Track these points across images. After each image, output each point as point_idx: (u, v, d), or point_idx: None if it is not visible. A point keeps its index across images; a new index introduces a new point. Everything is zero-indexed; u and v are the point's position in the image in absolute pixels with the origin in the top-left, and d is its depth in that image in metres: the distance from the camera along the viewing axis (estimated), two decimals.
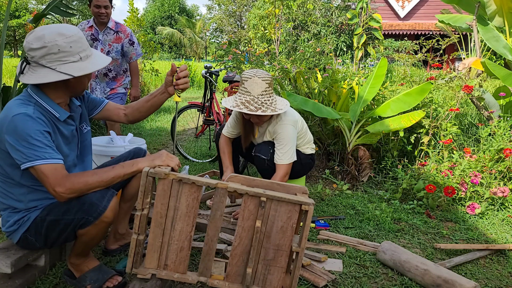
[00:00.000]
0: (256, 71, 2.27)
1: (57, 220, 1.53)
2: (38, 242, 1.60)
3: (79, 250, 1.65)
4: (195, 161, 4.09)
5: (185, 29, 34.68)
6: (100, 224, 1.52)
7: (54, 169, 1.44)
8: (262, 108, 2.22)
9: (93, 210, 1.49)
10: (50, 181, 1.43)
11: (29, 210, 1.58)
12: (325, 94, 3.81)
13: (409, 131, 3.54)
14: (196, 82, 13.42)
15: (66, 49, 1.50)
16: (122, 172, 1.56)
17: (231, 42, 5.81)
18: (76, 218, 1.50)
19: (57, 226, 1.54)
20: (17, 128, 1.43)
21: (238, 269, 1.57)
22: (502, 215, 2.71)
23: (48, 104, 1.55)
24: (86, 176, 1.51)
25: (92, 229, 1.53)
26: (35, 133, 1.44)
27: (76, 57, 1.53)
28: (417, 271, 1.84)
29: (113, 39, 3.33)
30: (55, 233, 1.56)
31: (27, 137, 1.42)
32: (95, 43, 3.26)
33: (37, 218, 1.56)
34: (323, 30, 12.34)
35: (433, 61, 7.49)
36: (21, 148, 1.42)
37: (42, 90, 1.56)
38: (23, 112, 1.45)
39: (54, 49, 1.48)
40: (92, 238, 1.58)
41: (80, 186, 1.48)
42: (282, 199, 1.51)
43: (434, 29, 14.41)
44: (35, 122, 1.46)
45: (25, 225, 1.57)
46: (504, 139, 2.98)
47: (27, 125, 1.44)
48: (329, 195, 3.08)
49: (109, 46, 3.32)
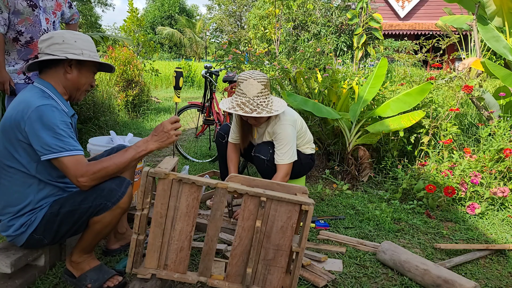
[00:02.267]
0: (252, 73, 2.27)
1: (73, 211, 1.55)
2: (46, 239, 1.60)
3: (86, 244, 1.64)
4: (195, 161, 4.09)
5: (185, 29, 34.67)
6: (116, 210, 1.57)
7: (77, 160, 1.50)
8: (257, 109, 2.22)
9: (113, 195, 1.55)
10: (73, 172, 1.49)
11: (35, 211, 1.58)
12: (325, 94, 3.81)
13: (409, 131, 3.54)
14: (196, 82, 13.42)
15: (70, 42, 1.59)
16: (136, 154, 1.60)
17: (231, 42, 5.81)
18: (94, 204, 1.54)
19: (72, 217, 1.55)
20: (43, 118, 1.47)
21: (238, 269, 1.57)
22: (502, 215, 2.71)
23: (60, 99, 1.62)
24: (104, 162, 1.55)
25: (107, 215, 1.56)
26: (61, 124, 1.50)
27: (78, 51, 1.60)
28: (417, 271, 1.84)
29: (55, 6, 2.83)
30: (68, 226, 1.57)
31: (53, 127, 1.47)
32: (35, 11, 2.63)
33: (46, 215, 1.57)
34: (323, 30, 12.34)
35: (433, 61, 7.49)
36: (46, 138, 1.46)
37: (53, 86, 1.62)
38: (49, 104, 1.51)
39: (59, 40, 1.58)
40: (105, 226, 1.59)
41: (101, 173, 1.53)
42: (282, 199, 1.51)
43: (434, 29, 14.42)
44: (61, 113, 1.53)
45: (32, 225, 1.57)
46: (504, 139, 2.98)
47: (54, 115, 1.49)
48: (329, 195, 3.08)
49: (54, 15, 2.81)
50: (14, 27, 2.53)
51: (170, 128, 1.64)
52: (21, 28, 2.54)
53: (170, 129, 1.64)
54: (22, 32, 2.55)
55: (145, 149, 1.61)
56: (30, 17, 2.56)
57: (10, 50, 2.59)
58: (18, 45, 2.58)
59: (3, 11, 2.47)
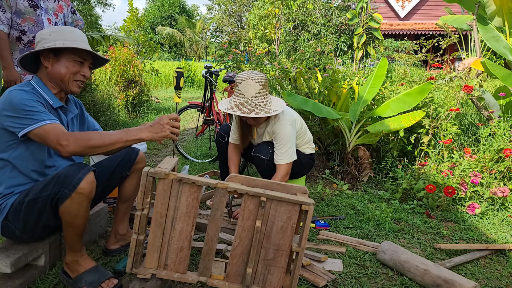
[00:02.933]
0: (250, 73, 2.27)
1: (35, 199, 1.53)
2: (17, 229, 1.59)
3: (69, 240, 1.61)
4: (195, 161, 4.09)
5: (185, 29, 34.69)
6: (77, 198, 1.49)
7: (54, 127, 1.50)
8: (255, 110, 2.22)
9: (68, 182, 1.48)
10: (52, 137, 1.48)
11: (6, 197, 1.59)
12: (325, 94, 3.81)
13: (409, 131, 3.54)
14: (196, 82, 13.42)
15: (45, 36, 1.65)
16: (125, 137, 1.57)
17: (231, 42, 5.81)
18: (53, 192, 1.50)
19: (35, 205, 1.53)
20: (13, 100, 1.51)
21: (238, 269, 1.57)
22: (502, 215, 2.71)
23: (44, 91, 1.66)
24: (89, 133, 1.55)
25: (70, 204, 1.50)
26: (30, 102, 1.53)
27: (51, 43, 1.63)
28: (417, 271, 1.84)
29: (57, 8, 2.87)
30: (34, 215, 1.55)
31: (22, 106, 1.50)
32: (37, 11, 2.70)
33: (14, 203, 1.56)
34: (323, 30, 12.34)
35: (433, 61, 7.49)
36: (18, 116, 1.50)
37: (41, 80, 1.68)
38: (18, 89, 1.57)
39: (38, 38, 1.66)
40: (74, 217, 1.53)
41: (83, 142, 1.50)
42: (282, 199, 1.51)
43: (434, 29, 14.42)
44: (30, 94, 1.57)
45: (3, 212, 1.58)
46: (504, 139, 2.98)
47: (22, 96, 1.53)
48: (329, 195, 3.08)
49: (56, 16, 2.85)
50: (17, 26, 2.55)
51: (167, 122, 1.63)
52: (24, 27, 2.56)
53: (167, 123, 1.63)
54: (25, 31, 2.57)
55: (135, 135, 1.58)
56: (32, 17, 2.58)
57: (13, 49, 2.61)
58: (21, 44, 2.60)
59: (6, 11, 2.49)
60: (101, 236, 2.20)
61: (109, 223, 2.34)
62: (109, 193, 1.94)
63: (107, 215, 2.26)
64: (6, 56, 2.52)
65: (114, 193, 2.32)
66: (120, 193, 1.95)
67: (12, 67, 2.55)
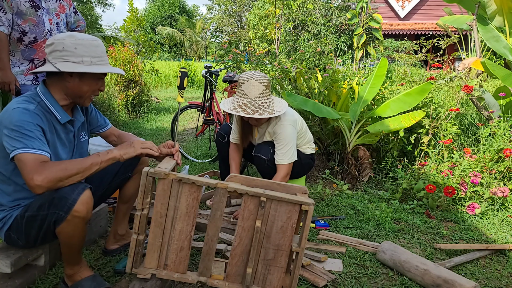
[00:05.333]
0: (254, 73, 2.26)
1: (34, 216, 1.52)
2: (20, 240, 1.59)
3: (66, 256, 1.60)
4: (195, 161, 4.09)
5: (185, 29, 34.67)
6: (73, 220, 1.46)
7: (37, 159, 1.42)
8: (259, 111, 2.22)
9: (63, 204, 1.44)
10: (28, 168, 1.39)
11: (12, 208, 1.59)
12: (325, 94, 3.81)
13: (409, 131, 3.54)
14: (196, 82, 13.41)
15: (71, 49, 1.54)
16: (99, 159, 1.54)
17: (231, 42, 5.81)
18: (49, 213, 1.47)
19: (35, 222, 1.52)
20: (13, 119, 1.45)
21: (238, 269, 1.57)
22: (502, 215, 2.71)
23: (52, 104, 1.59)
24: (64, 163, 1.49)
25: (66, 226, 1.47)
26: (28, 125, 1.46)
27: (78, 59, 1.55)
28: (417, 271, 1.84)
29: (58, 8, 2.81)
30: (34, 230, 1.54)
31: (19, 128, 1.44)
32: (38, 12, 2.64)
33: (17, 216, 1.56)
34: (323, 30, 12.34)
35: (433, 61, 7.49)
36: (12, 136, 1.44)
37: (49, 90, 1.61)
38: (22, 107, 1.50)
39: (59, 47, 1.54)
40: (70, 237, 1.52)
41: (59, 173, 1.42)
42: (282, 199, 1.51)
43: (434, 29, 14.42)
44: (32, 115, 1.49)
45: (7, 223, 1.57)
46: (504, 139, 2.98)
47: (23, 117, 1.47)
48: (329, 195, 3.08)
49: (57, 16, 2.78)
50: (18, 27, 2.54)
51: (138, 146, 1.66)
52: (25, 28, 2.55)
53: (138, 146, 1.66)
54: (26, 32, 2.56)
55: (107, 154, 1.57)
56: (33, 18, 2.57)
57: (14, 50, 2.60)
58: (22, 45, 2.59)
59: (7, 12, 2.48)
60: (101, 236, 2.20)
61: (109, 223, 2.34)
62: (112, 194, 1.95)
63: (107, 215, 2.26)
64: (3, 58, 2.50)
65: (114, 193, 2.32)
66: (121, 193, 1.95)
67: (9, 69, 2.52)
